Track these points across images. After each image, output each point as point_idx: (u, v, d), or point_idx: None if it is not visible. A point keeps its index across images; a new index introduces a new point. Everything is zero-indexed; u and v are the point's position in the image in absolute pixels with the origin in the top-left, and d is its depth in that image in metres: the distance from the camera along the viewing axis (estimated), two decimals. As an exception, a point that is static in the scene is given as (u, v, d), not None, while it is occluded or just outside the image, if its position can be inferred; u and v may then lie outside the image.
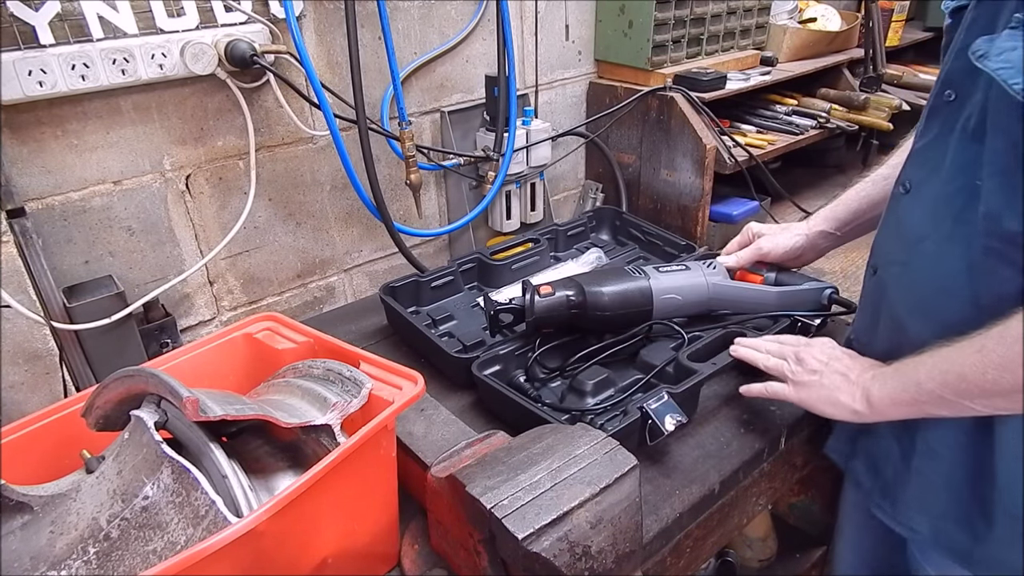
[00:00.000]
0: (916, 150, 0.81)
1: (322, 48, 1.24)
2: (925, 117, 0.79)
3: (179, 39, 1.04)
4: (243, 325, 0.90)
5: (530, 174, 1.57)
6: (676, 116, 1.50)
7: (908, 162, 0.82)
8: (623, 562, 0.70)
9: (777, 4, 1.84)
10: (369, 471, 0.72)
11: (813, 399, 0.87)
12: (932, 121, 0.78)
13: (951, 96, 0.74)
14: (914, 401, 0.75)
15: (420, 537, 0.84)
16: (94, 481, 0.65)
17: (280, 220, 1.32)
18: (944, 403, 0.72)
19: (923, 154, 0.79)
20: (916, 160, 0.81)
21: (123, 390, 0.67)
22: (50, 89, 0.96)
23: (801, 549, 1.58)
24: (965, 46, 0.70)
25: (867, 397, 0.81)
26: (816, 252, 1.13)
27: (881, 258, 0.88)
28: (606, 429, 0.82)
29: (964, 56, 0.70)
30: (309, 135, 1.28)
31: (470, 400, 1.06)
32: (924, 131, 0.79)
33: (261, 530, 0.56)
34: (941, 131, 0.76)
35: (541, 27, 1.55)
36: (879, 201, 1.03)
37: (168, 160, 1.15)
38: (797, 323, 1.09)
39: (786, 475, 1.09)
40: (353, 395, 0.72)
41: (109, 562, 0.60)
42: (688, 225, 1.55)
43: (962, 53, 0.71)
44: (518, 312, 1.06)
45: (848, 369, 0.85)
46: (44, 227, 1.05)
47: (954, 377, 0.70)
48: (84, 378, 1.08)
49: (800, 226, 1.13)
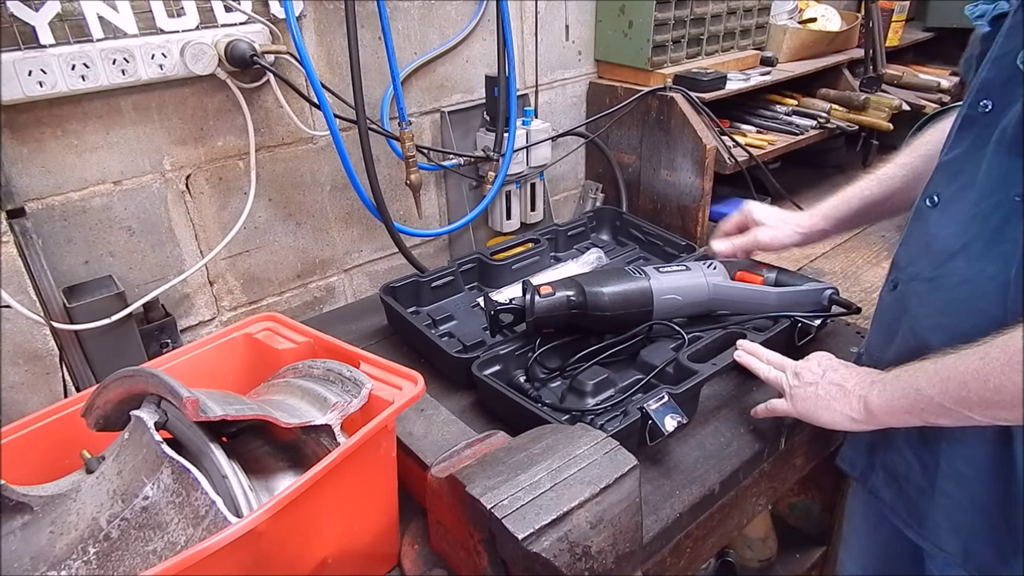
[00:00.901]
0: (945, 162, 0.77)
1: (322, 48, 1.24)
2: (957, 128, 0.76)
3: (179, 39, 1.04)
4: (243, 325, 0.90)
5: (530, 174, 1.57)
6: (676, 116, 1.50)
7: (936, 174, 0.79)
8: (623, 562, 0.70)
9: (777, 4, 1.84)
10: (369, 471, 0.72)
11: (810, 409, 0.86)
12: (965, 132, 0.75)
13: (987, 106, 0.71)
14: (913, 408, 0.74)
15: (420, 537, 0.84)
16: (94, 481, 0.65)
17: (280, 220, 1.32)
18: (944, 411, 0.71)
19: (954, 166, 0.76)
20: (946, 172, 0.77)
21: (123, 390, 0.67)
22: (50, 89, 0.96)
23: (801, 549, 1.58)
24: (1005, 53, 0.68)
25: (865, 404, 0.80)
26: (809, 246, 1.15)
27: (904, 273, 0.84)
28: (606, 429, 0.82)
29: (1003, 64, 0.68)
30: (309, 135, 1.28)
31: (470, 400, 1.06)
32: (955, 142, 0.76)
33: (261, 530, 0.56)
34: (975, 143, 0.73)
35: (541, 27, 1.55)
36: (880, 200, 1.02)
37: (168, 160, 1.15)
38: (797, 324, 1.09)
39: (786, 475, 1.09)
40: (353, 395, 0.72)
41: (109, 562, 0.60)
42: (688, 225, 1.55)
43: (1001, 61, 0.69)
44: (518, 312, 1.06)
45: (844, 379, 0.85)
46: (44, 227, 1.05)
47: (955, 384, 0.69)
48: (84, 378, 1.08)
49: (799, 221, 1.11)
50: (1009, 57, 0.68)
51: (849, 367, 0.87)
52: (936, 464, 0.83)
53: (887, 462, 0.91)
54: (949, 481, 0.82)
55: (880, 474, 0.93)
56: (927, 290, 0.79)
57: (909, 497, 0.88)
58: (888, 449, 0.90)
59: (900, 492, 0.89)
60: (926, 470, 0.85)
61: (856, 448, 0.98)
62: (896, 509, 0.90)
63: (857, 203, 1.05)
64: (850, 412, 0.82)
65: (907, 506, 0.88)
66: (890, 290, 0.87)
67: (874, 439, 0.92)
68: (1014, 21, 0.68)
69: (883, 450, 0.91)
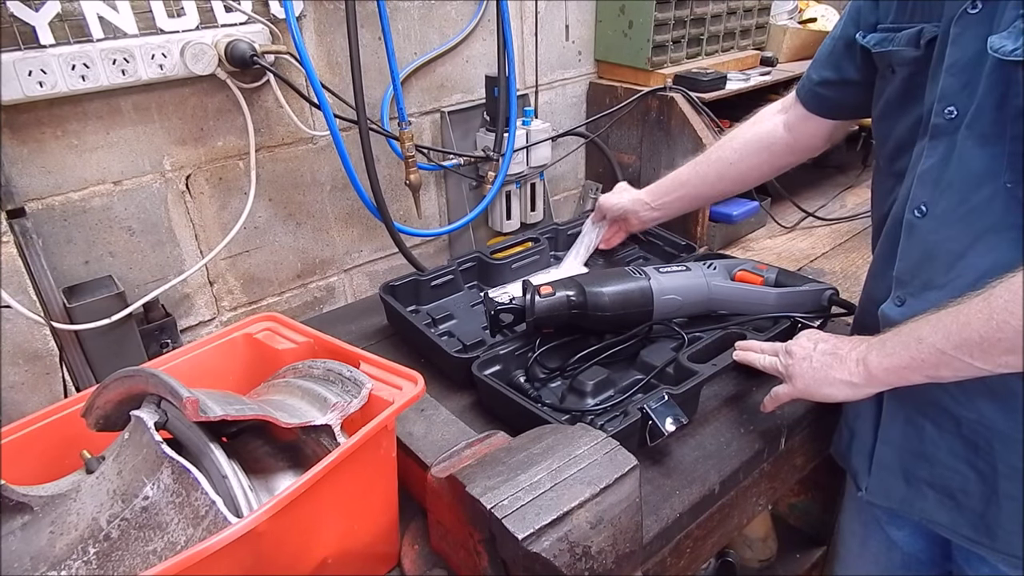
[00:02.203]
0: (923, 172, 0.78)
1: (322, 48, 1.24)
2: (928, 139, 0.77)
3: (179, 39, 1.04)
4: (243, 325, 0.90)
5: (530, 174, 1.57)
6: (676, 116, 1.50)
7: (916, 186, 0.79)
8: (623, 562, 0.70)
9: (777, 4, 1.84)
10: (369, 471, 0.72)
11: (809, 384, 0.85)
12: (936, 141, 0.76)
13: (952, 112, 0.74)
14: (913, 362, 0.74)
15: (420, 537, 0.84)
16: (94, 481, 0.65)
17: (280, 220, 1.32)
18: (945, 361, 0.71)
19: (932, 174, 0.77)
20: (926, 181, 0.78)
21: (123, 390, 0.67)
22: (50, 89, 0.96)
23: (801, 549, 1.58)
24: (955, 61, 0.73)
25: (865, 365, 0.79)
26: (639, 221, 1.31)
27: (911, 287, 0.82)
28: (606, 429, 0.82)
29: (957, 70, 0.72)
30: (309, 135, 1.28)
31: (470, 400, 1.06)
32: (928, 152, 0.78)
33: (261, 530, 0.56)
34: (948, 148, 0.75)
35: (541, 27, 1.55)
36: (701, 181, 1.21)
37: (168, 160, 1.15)
38: (797, 324, 1.09)
39: (786, 475, 1.09)
40: (353, 395, 0.72)
41: (109, 562, 0.60)
42: (688, 225, 1.54)
43: (954, 68, 0.73)
44: (518, 312, 1.06)
45: (836, 347, 0.84)
46: (44, 227, 1.05)
47: (958, 326, 0.69)
48: (84, 378, 1.08)
49: (631, 191, 1.31)
50: (961, 63, 0.72)
51: (839, 337, 0.87)
52: (993, 468, 0.80)
53: (935, 481, 0.86)
54: (1009, 481, 0.79)
55: (929, 496, 0.87)
56: (943, 296, 0.77)
57: (973, 511, 0.84)
58: (932, 466, 0.86)
59: (960, 509, 0.85)
60: (984, 477, 0.81)
61: (884, 478, 0.92)
62: (957, 528, 0.86)
63: (676, 181, 1.24)
64: (848, 377, 0.81)
65: (972, 524, 0.84)
66: (897, 306, 0.84)
67: (903, 460, 0.89)
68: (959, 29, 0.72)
69: (924, 471, 0.87)
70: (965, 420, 0.81)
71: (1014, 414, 0.76)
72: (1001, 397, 0.77)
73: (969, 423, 0.80)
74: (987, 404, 0.78)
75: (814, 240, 1.61)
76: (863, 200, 1.74)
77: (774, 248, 1.58)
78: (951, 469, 0.84)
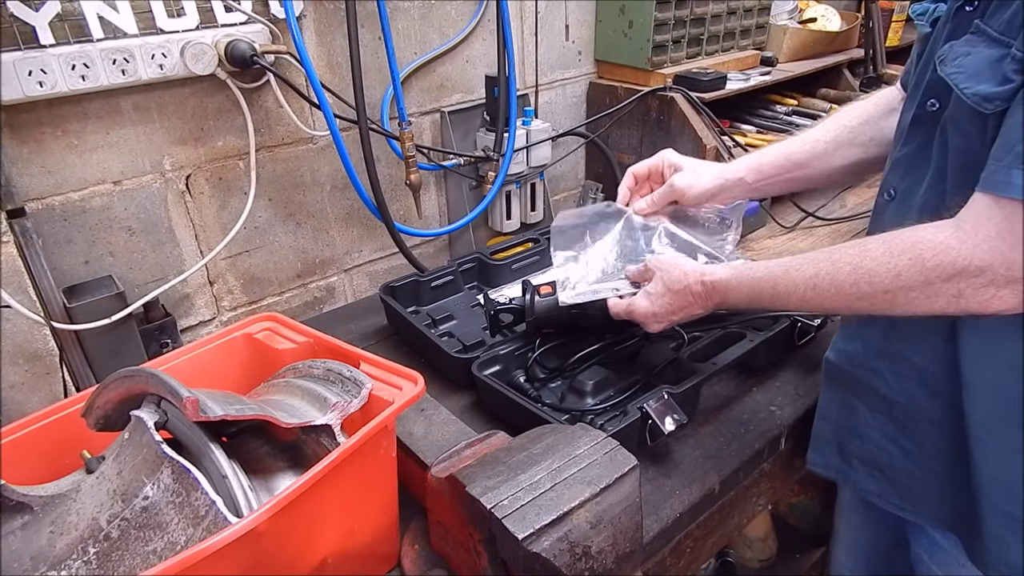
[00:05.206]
0: (899, 158, 0.81)
1: (322, 48, 1.24)
2: (908, 126, 0.79)
3: (179, 39, 1.04)
4: (243, 325, 0.90)
5: (530, 174, 1.57)
6: (676, 116, 1.50)
7: (891, 170, 0.82)
8: (623, 562, 0.70)
9: (777, 4, 1.84)
10: (369, 471, 0.72)
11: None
12: (915, 130, 0.78)
13: (934, 105, 0.75)
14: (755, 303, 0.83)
15: (420, 537, 0.84)
16: (94, 481, 0.65)
17: (280, 220, 1.32)
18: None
19: (907, 161, 0.80)
20: (899, 168, 0.81)
21: (123, 390, 0.67)
22: (50, 89, 0.96)
23: (801, 549, 1.58)
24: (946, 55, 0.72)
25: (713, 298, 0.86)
26: (728, 198, 1.06)
27: None
28: (606, 429, 0.82)
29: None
30: (309, 135, 1.28)
31: (470, 400, 1.06)
32: (907, 139, 0.80)
33: (261, 530, 0.56)
34: (925, 140, 0.76)
35: (541, 27, 1.55)
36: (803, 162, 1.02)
37: (168, 160, 1.15)
38: (797, 324, 1.09)
39: (786, 475, 1.09)
40: (353, 395, 0.72)
41: (109, 562, 0.60)
42: (688, 225, 1.55)
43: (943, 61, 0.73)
44: (518, 312, 1.06)
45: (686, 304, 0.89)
46: (44, 227, 1.05)
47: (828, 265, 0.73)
48: (84, 378, 1.08)
49: (719, 168, 1.05)
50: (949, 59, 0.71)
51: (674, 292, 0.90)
52: (922, 448, 0.84)
53: (864, 455, 0.91)
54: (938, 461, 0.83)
55: (859, 469, 0.93)
56: None
57: (900, 484, 0.89)
58: (864, 443, 0.90)
59: (888, 481, 0.90)
60: (908, 455, 0.86)
61: (822, 450, 0.97)
62: (886, 496, 0.91)
63: (782, 159, 1.02)
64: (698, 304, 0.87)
65: (898, 492, 0.89)
66: None
67: (839, 436, 0.93)
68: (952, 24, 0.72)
69: (854, 445, 0.92)
70: (896, 403, 0.84)
71: (942, 399, 0.79)
72: (931, 384, 0.80)
73: (900, 406, 0.84)
74: (918, 390, 0.81)
75: (814, 240, 1.61)
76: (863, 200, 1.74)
77: (774, 248, 1.58)
78: (880, 447, 0.88)
